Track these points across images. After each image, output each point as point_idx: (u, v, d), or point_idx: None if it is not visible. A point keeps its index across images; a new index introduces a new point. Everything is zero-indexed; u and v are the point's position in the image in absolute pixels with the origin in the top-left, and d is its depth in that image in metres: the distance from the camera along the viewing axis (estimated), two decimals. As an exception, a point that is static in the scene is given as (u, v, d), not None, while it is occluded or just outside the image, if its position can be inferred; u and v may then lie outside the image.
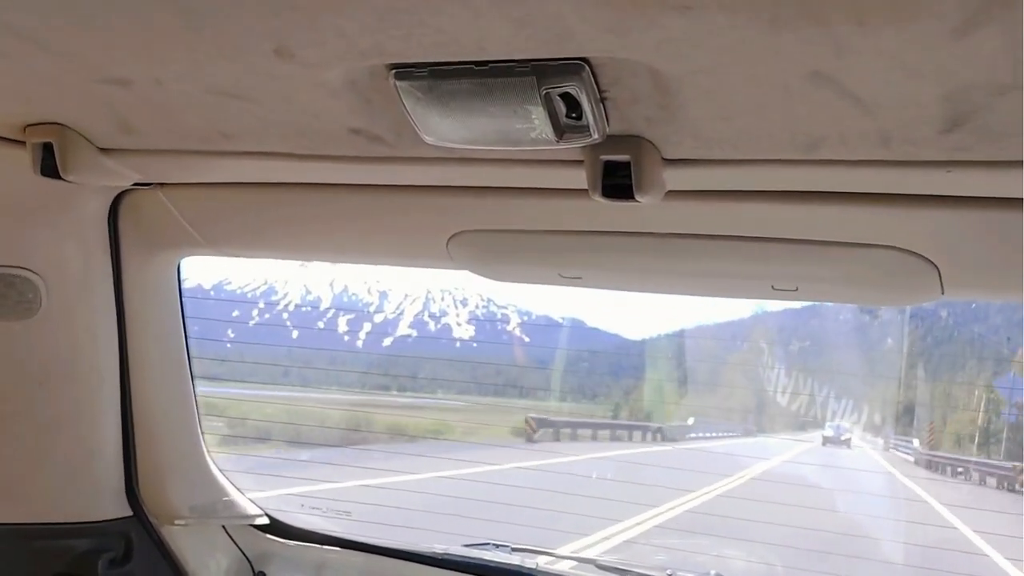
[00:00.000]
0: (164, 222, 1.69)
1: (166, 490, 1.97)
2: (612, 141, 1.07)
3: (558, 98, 0.97)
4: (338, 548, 2.19)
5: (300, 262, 1.93)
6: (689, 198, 1.27)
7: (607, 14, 0.82)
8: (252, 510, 2.16)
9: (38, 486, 1.81)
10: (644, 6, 0.80)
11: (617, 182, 1.12)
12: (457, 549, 2.19)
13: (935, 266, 1.32)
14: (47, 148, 1.31)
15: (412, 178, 1.38)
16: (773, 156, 1.09)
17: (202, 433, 2.04)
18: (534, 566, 2.08)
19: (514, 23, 0.86)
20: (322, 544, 2.19)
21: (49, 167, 1.32)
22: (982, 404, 15.33)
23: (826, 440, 17.08)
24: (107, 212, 1.70)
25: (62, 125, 1.29)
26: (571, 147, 1.07)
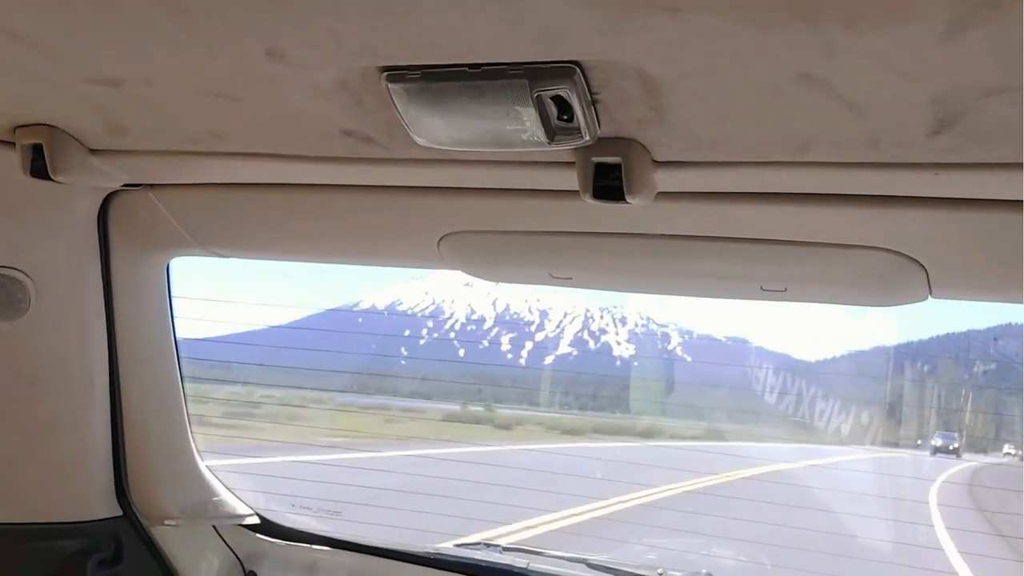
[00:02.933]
0: (154, 223, 1.69)
1: (156, 490, 1.97)
2: (603, 143, 1.07)
3: (549, 100, 0.97)
4: (329, 548, 2.18)
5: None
6: (679, 199, 1.27)
7: (597, 16, 0.83)
8: (242, 510, 2.15)
9: (27, 486, 1.81)
10: (634, 8, 0.81)
11: (608, 183, 1.13)
12: (448, 548, 2.19)
13: (923, 267, 1.33)
14: (37, 149, 1.31)
15: (403, 179, 1.38)
16: (763, 158, 1.10)
17: (192, 433, 2.03)
18: (525, 565, 2.08)
19: (505, 25, 0.86)
20: (313, 544, 2.19)
21: (39, 168, 1.32)
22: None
23: (935, 449, 16.52)
24: (97, 213, 1.70)
25: (52, 126, 1.29)
26: (562, 149, 1.07)
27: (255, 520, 2.18)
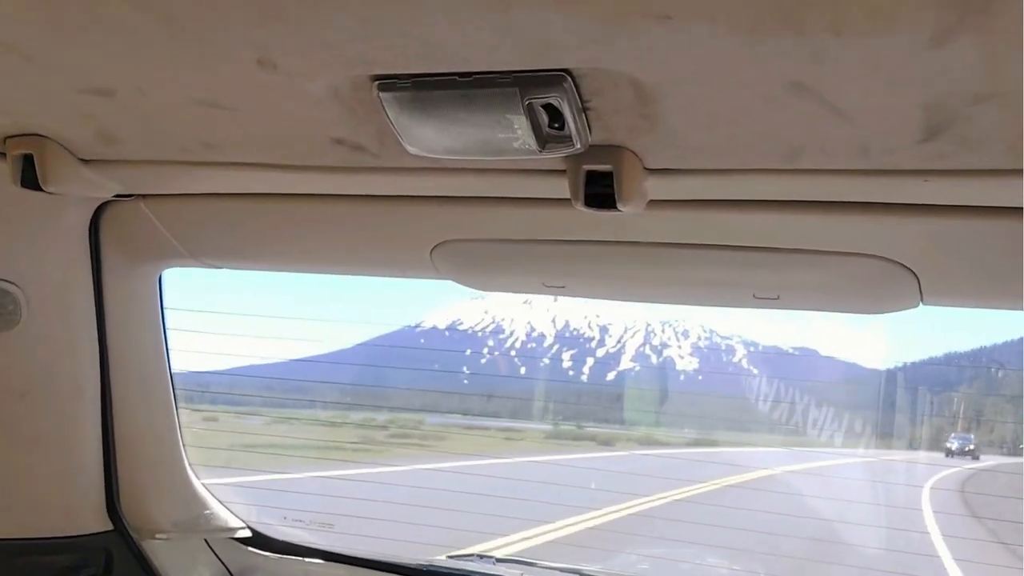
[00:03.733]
0: (146, 233, 1.68)
1: (147, 504, 1.95)
2: (594, 151, 1.08)
3: (541, 108, 0.98)
4: (321, 560, 2.17)
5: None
6: (671, 207, 1.28)
7: (588, 25, 0.83)
8: (234, 523, 2.14)
9: (17, 500, 1.79)
10: (625, 17, 0.81)
11: (599, 191, 1.13)
12: (442, 560, 2.18)
13: (914, 274, 1.34)
14: (28, 159, 1.30)
15: (396, 188, 1.38)
16: (754, 165, 1.10)
17: (184, 446, 2.02)
18: None
19: (496, 34, 0.86)
20: (304, 557, 2.18)
21: (30, 178, 1.31)
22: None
23: (949, 452, 16.04)
24: (88, 223, 1.69)
25: (43, 136, 1.28)
26: (554, 157, 1.07)
27: (247, 533, 2.16)
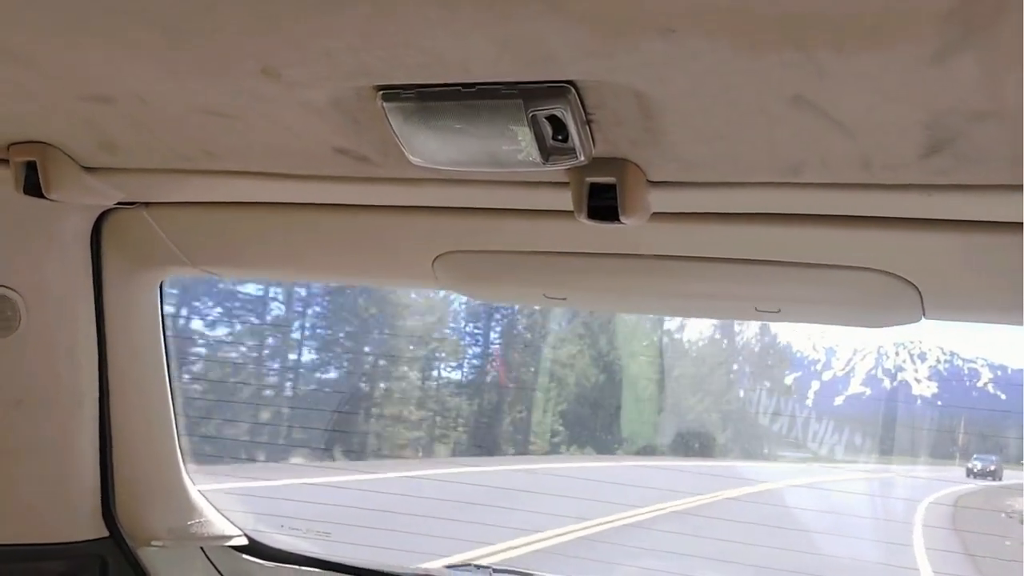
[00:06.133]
0: (148, 241, 1.68)
1: (143, 511, 1.95)
2: (598, 163, 1.08)
3: (544, 120, 0.98)
4: (317, 569, 2.16)
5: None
6: (673, 220, 1.28)
7: (591, 37, 0.83)
8: (230, 531, 2.13)
9: (14, 506, 1.79)
10: (627, 30, 0.81)
11: (602, 204, 1.13)
12: (437, 569, 2.17)
13: (916, 288, 1.34)
14: (31, 167, 1.30)
15: (398, 198, 1.38)
16: (756, 179, 1.10)
17: (181, 453, 2.01)
18: None
19: (499, 45, 0.86)
20: (300, 565, 2.17)
21: (32, 186, 1.32)
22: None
23: (970, 472, 15.64)
24: (90, 231, 1.69)
25: (46, 143, 1.29)
26: (557, 169, 1.07)
27: (243, 541, 2.16)
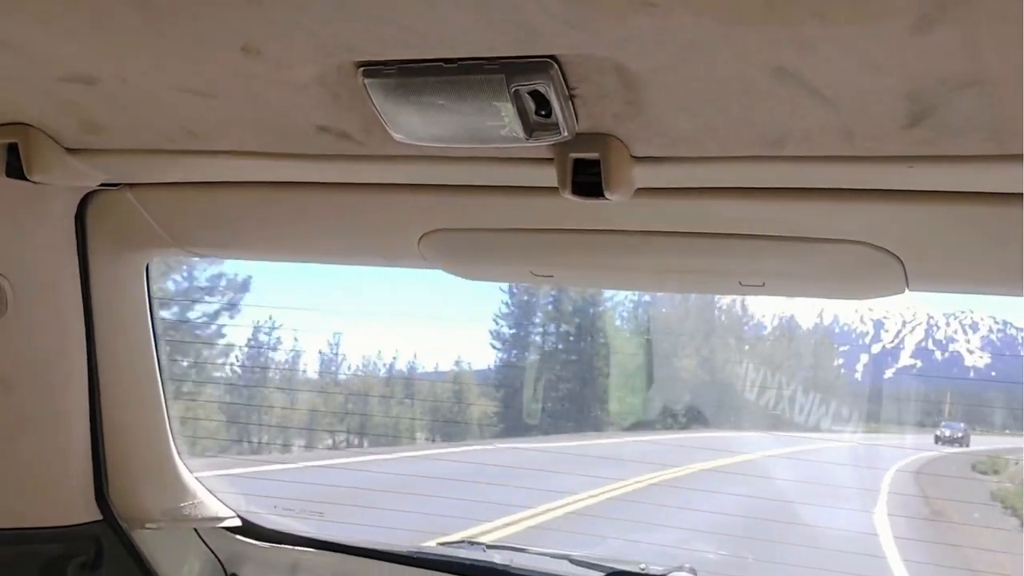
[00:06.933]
0: (133, 222, 1.68)
1: (136, 493, 1.95)
2: (581, 139, 1.08)
3: (527, 96, 0.98)
4: (311, 549, 2.18)
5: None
6: (658, 195, 1.28)
7: (572, 11, 0.83)
8: (223, 512, 2.14)
9: (6, 490, 1.79)
10: (610, 3, 0.81)
11: (587, 180, 1.13)
12: (431, 547, 2.18)
13: (900, 260, 1.34)
14: (12, 149, 1.30)
15: (382, 176, 1.38)
16: (739, 152, 1.10)
17: (173, 435, 2.02)
18: (508, 562, 2.08)
19: (480, 20, 0.86)
20: (295, 545, 2.18)
21: (15, 168, 1.31)
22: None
23: (939, 439, 15.78)
24: (74, 212, 1.69)
25: (27, 125, 1.28)
26: (541, 145, 1.07)
27: (236, 522, 2.16)
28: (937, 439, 15.93)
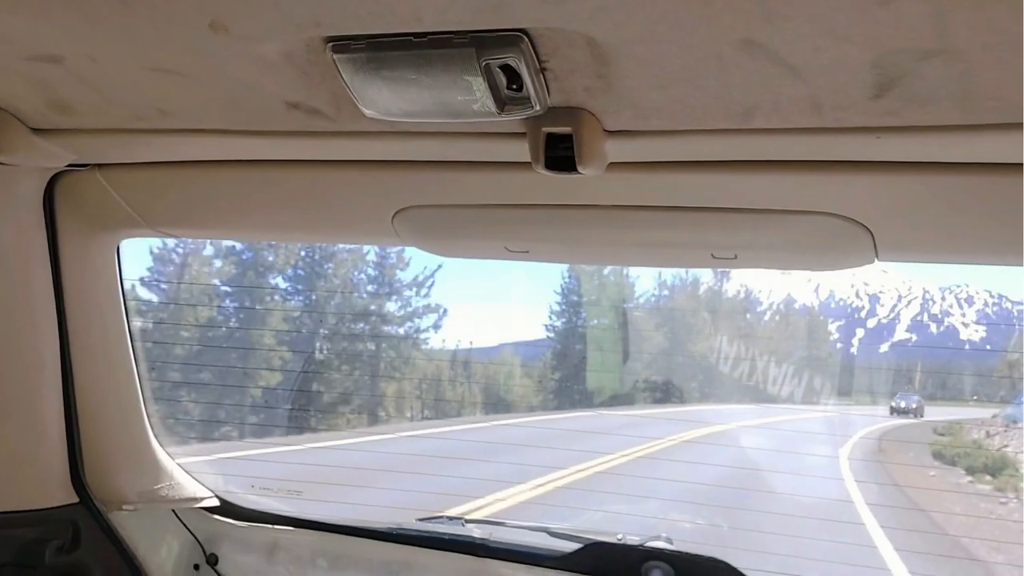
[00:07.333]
0: (102, 203, 1.66)
1: (113, 475, 1.95)
2: (553, 113, 1.08)
3: (498, 70, 0.98)
4: (290, 527, 2.18)
5: (246, 241, 1.89)
6: (630, 170, 1.29)
7: None
8: (201, 492, 2.14)
9: None
10: None
11: (560, 154, 1.13)
12: (410, 523, 2.20)
13: (869, 231, 1.36)
14: None
15: (354, 153, 1.38)
16: (709, 125, 1.11)
17: (148, 417, 2.01)
18: (487, 536, 2.10)
19: None
20: (273, 524, 2.19)
21: None
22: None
23: (894, 410, 16.53)
24: (43, 194, 1.67)
25: None
26: (513, 119, 1.07)
27: (214, 502, 2.16)
28: (892, 410, 16.51)
